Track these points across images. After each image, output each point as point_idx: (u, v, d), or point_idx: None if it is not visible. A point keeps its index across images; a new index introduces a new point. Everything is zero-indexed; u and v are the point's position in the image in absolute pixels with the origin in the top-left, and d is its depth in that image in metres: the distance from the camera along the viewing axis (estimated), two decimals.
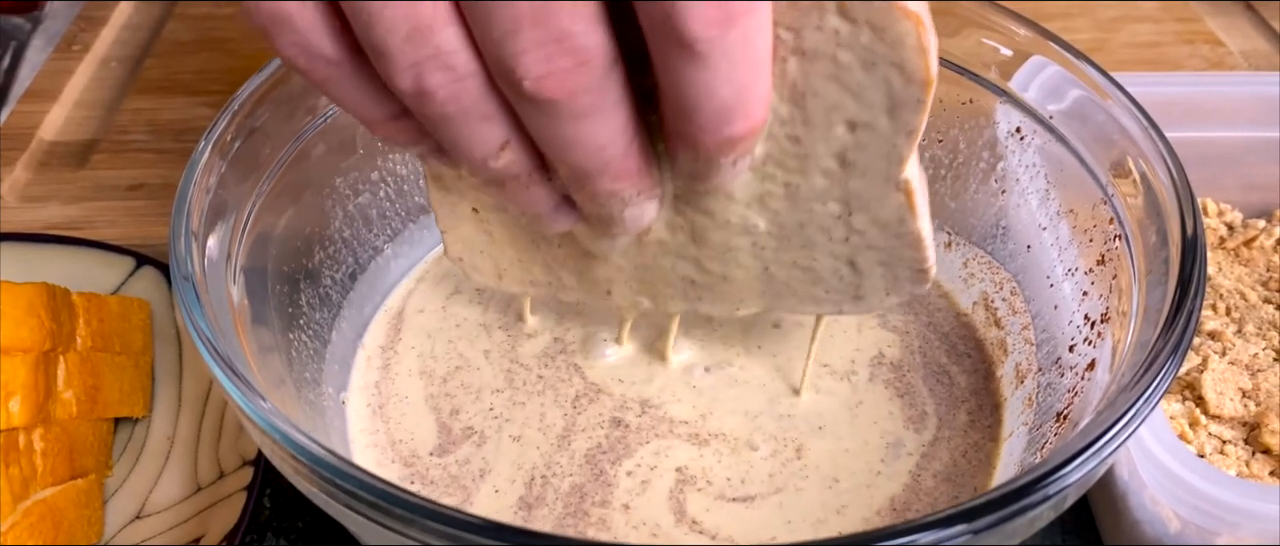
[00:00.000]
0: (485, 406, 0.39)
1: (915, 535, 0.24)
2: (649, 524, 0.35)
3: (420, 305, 0.43)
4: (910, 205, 0.31)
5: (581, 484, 0.36)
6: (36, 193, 0.54)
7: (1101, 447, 0.27)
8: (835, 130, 0.29)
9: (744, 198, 0.31)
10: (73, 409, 0.39)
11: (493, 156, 0.27)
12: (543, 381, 0.39)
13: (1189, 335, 0.30)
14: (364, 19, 0.23)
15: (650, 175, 0.29)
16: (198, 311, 0.30)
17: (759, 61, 0.24)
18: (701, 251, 0.33)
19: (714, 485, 0.36)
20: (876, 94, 0.27)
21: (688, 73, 0.23)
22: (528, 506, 0.35)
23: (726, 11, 0.22)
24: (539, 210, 0.30)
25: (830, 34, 0.26)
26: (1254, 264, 0.47)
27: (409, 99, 0.25)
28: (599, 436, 0.37)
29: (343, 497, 0.26)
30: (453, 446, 0.37)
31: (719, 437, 0.37)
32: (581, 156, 0.26)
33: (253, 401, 0.28)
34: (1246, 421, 0.39)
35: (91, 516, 0.38)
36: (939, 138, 0.43)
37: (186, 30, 0.65)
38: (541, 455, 0.37)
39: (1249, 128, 0.48)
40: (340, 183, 0.41)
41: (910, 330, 0.42)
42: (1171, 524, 0.35)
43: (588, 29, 0.23)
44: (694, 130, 0.25)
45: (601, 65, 0.24)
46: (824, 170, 0.30)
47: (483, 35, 0.23)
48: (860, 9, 0.25)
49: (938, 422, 0.38)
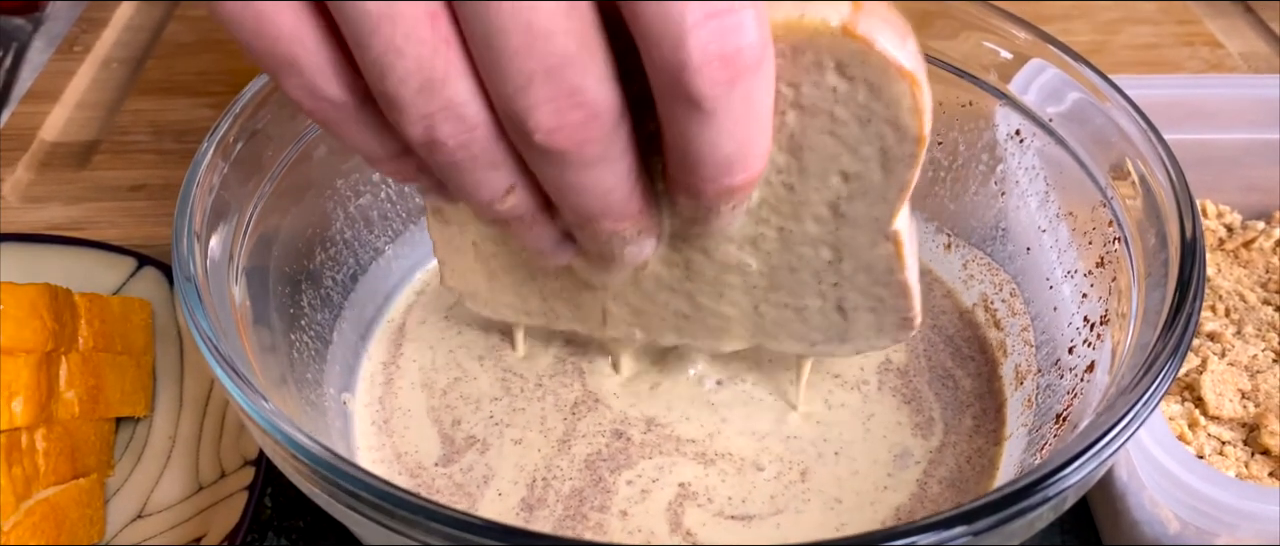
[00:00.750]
0: (485, 414, 0.39)
1: (915, 536, 0.24)
2: (644, 530, 0.35)
3: (422, 317, 0.43)
4: (899, 255, 0.31)
5: (581, 488, 0.36)
6: (38, 193, 0.54)
7: (1101, 450, 0.27)
8: (830, 180, 0.29)
9: (739, 238, 0.32)
10: (75, 409, 0.39)
11: (498, 200, 0.27)
12: (543, 388, 0.40)
13: (1188, 337, 0.30)
14: (376, 69, 0.24)
15: (651, 215, 0.29)
16: (200, 312, 0.30)
17: (761, 118, 0.25)
18: (695, 287, 0.34)
19: (715, 503, 0.36)
20: (871, 149, 0.28)
21: (693, 128, 0.24)
22: (529, 508, 0.36)
23: (734, 71, 0.23)
24: (541, 246, 0.31)
25: (828, 90, 0.27)
26: (1253, 265, 0.47)
27: (418, 147, 0.25)
28: (599, 444, 0.37)
29: (344, 498, 0.26)
30: (457, 456, 0.37)
31: (726, 457, 0.37)
32: (587, 201, 0.27)
33: (254, 402, 0.28)
34: (1245, 422, 0.39)
35: (93, 515, 0.39)
36: (939, 140, 0.43)
37: (187, 31, 0.65)
38: (542, 457, 0.37)
39: (1248, 130, 0.48)
40: (341, 184, 0.41)
41: (915, 334, 0.42)
42: (1170, 525, 0.35)
43: (598, 84, 0.23)
44: (697, 180, 0.26)
45: (610, 119, 0.24)
46: (816, 217, 0.31)
47: (495, 87, 0.24)
48: (858, 67, 0.26)
49: (944, 428, 0.38)
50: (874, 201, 0.30)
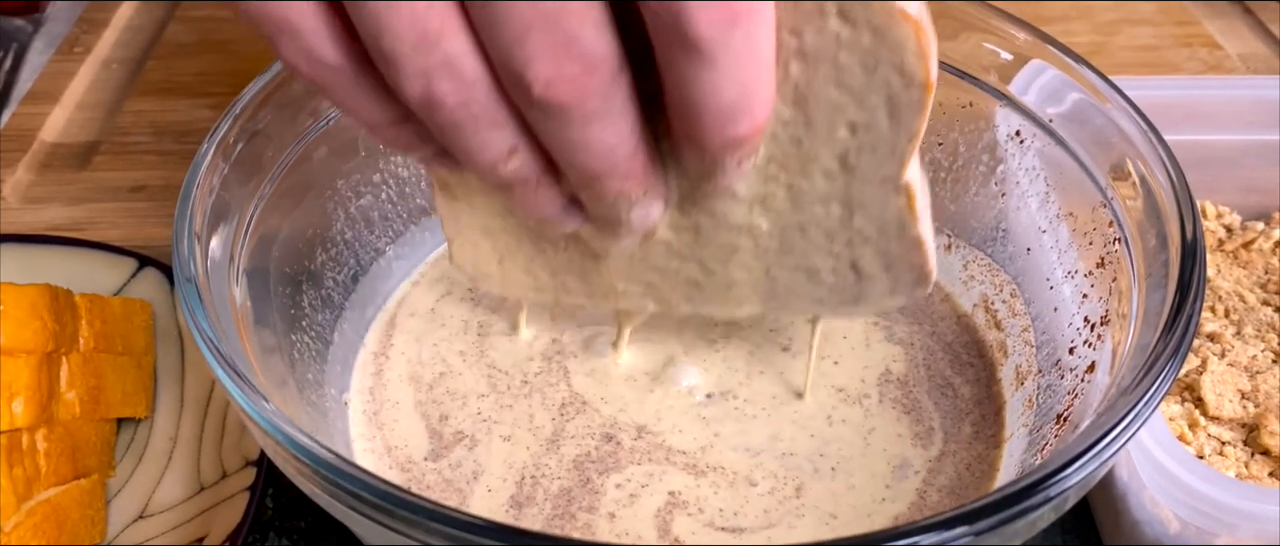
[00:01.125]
0: (473, 411, 0.39)
1: (917, 537, 0.24)
2: (631, 534, 0.35)
3: (411, 309, 0.43)
4: (911, 208, 0.31)
5: (569, 488, 0.36)
6: (38, 194, 0.54)
7: (1102, 450, 0.27)
8: (837, 132, 0.29)
9: (747, 199, 0.31)
10: (76, 409, 0.39)
11: (501, 162, 0.27)
12: (529, 386, 0.40)
13: (1189, 338, 0.30)
14: (371, 26, 0.24)
15: (656, 175, 0.29)
16: (201, 313, 0.30)
17: (763, 62, 0.24)
18: (705, 252, 0.33)
19: (705, 513, 0.35)
20: (877, 97, 0.28)
21: (693, 72, 0.24)
22: (518, 505, 0.36)
23: (732, 12, 0.22)
24: (547, 212, 0.30)
25: (831, 37, 0.26)
26: (1253, 266, 0.47)
27: (417, 106, 0.25)
28: (589, 446, 0.37)
29: (345, 498, 0.26)
30: (445, 451, 0.37)
31: (717, 471, 0.37)
32: (590, 159, 0.26)
33: (256, 402, 0.28)
34: (1245, 423, 0.40)
35: (94, 516, 0.39)
36: (939, 141, 0.43)
37: (187, 32, 0.65)
38: (531, 456, 0.37)
39: (1247, 131, 0.48)
40: (342, 185, 0.41)
41: (915, 341, 0.41)
42: (1171, 525, 0.35)
43: (595, 33, 0.23)
44: (699, 130, 0.26)
45: (609, 69, 0.24)
46: (826, 172, 0.30)
47: (491, 41, 0.23)
48: (860, 11, 0.26)
49: (944, 437, 0.38)
50: (883, 153, 0.29)
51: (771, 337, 0.41)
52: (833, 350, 0.41)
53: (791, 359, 0.40)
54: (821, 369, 0.40)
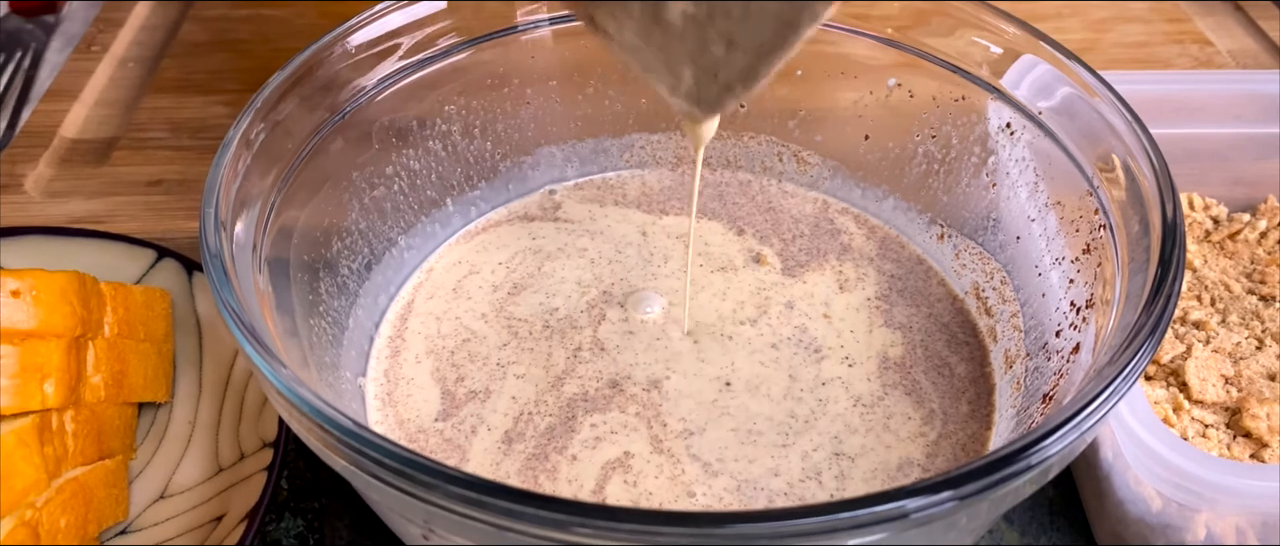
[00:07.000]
0: (493, 363, 0.41)
1: (904, 500, 0.25)
2: (575, 482, 0.36)
3: (430, 293, 0.45)
4: None
5: (554, 425, 0.38)
6: (59, 188, 0.55)
7: (1083, 420, 0.28)
8: None
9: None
10: (101, 392, 0.40)
11: None
12: (550, 330, 0.41)
13: (1169, 314, 0.31)
14: None
15: None
16: (227, 289, 0.31)
17: None
18: None
19: (639, 488, 0.36)
20: None
21: None
22: (509, 441, 0.37)
23: None
24: None
25: None
26: (1238, 256, 0.48)
27: None
28: (591, 387, 0.39)
29: (364, 463, 0.27)
30: (455, 410, 0.39)
31: (678, 461, 0.37)
32: None
33: (276, 370, 0.29)
34: (1228, 406, 0.41)
35: (119, 495, 0.40)
36: (933, 133, 0.44)
37: (202, 31, 0.67)
38: (536, 391, 0.39)
39: (1235, 125, 0.49)
40: (357, 176, 0.43)
41: (913, 325, 0.43)
42: (1153, 503, 0.36)
43: None
44: None
45: None
46: None
47: None
48: None
49: (943, 418, 0.39)
50: None
51: (805, 349, 0.42)
52: (836, 341, 0.42)
53: (819, 363, 0.41)
54: (824, 368, 0.41)
